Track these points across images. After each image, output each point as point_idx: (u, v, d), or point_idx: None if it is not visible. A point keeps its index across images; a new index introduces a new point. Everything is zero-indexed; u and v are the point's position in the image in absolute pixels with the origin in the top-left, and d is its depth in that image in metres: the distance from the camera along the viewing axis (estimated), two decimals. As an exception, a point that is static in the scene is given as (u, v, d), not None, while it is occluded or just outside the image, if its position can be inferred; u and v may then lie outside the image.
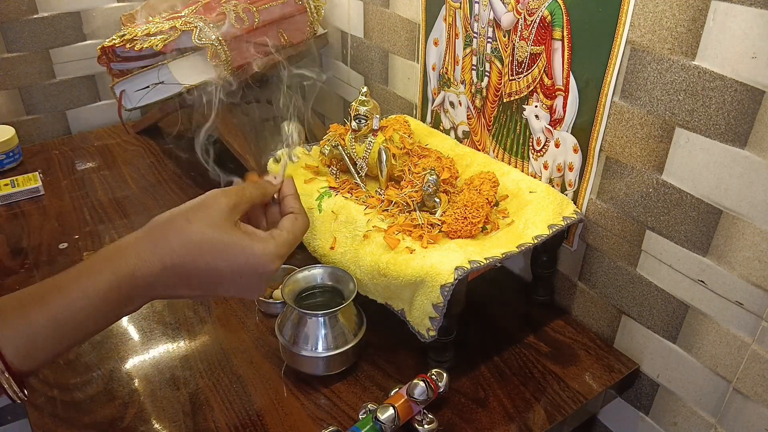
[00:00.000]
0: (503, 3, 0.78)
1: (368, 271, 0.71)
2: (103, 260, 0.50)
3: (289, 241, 0.56)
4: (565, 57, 0.73)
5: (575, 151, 0.76)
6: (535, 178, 0.82)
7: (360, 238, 0.74)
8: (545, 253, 0.81)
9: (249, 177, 0.60)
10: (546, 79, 0.76)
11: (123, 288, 0.49)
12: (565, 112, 0.75)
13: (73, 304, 0.48)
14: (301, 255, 0.83)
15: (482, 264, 0.66)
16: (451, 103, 0.94)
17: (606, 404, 0.79)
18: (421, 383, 0.65)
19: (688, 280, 0.68)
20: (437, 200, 0.76)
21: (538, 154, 0.81)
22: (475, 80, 0.88)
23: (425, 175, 0.76)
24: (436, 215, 0.75)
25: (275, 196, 0.61)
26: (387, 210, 0.77)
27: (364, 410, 0.66)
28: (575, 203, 0.78)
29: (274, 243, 0.54)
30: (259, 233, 0.55)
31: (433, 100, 0.98)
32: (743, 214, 0.60)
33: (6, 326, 0.46)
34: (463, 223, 0.72)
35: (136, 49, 0.97)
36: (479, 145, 0.91)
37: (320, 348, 0.70)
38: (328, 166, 0.87)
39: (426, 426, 0.65)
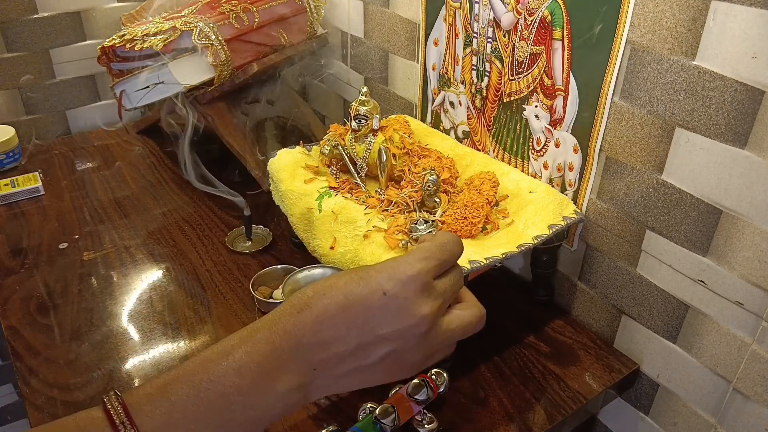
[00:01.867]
0: (503, 3, 0.78)
1: (368, 271, 0.71)
2: (246, 334, 0.43)
3: (431, 249, 0.46)
4: (565, 57, 0.73)
5: (575, 151, 0.76)
6: (535, 178, 0.82)
7: (360, 238, 0.74)
8: (545, 253, 0.81)
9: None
10: (546, 79, 0.76)
11: (268, 354, 0.41)
12: (565, 112, 0.75)
13: (216, 379, 0.40)
14: (301, 255, 0.83)
15: (482, 264, 0.66)
16: (451, 103, 0.94)
17: (606, 404, 0.79)
18: (421, 383, 0.65)
19: (688, 280, 0.68)
20: (437, 200, 0.76)
21: (538, 154, 0.81)
22: (475, 80, 0.88)
23: (425, 175, 0.76)
24: (436, 215, 0.75)
25: None
26: (387, 210, 0.77)
27: (363, 410, 0.66)
28: (575, 203, 0.78)
29: (415, 250, 0.46)
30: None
31: (433, 100, 0.98)
32: (743, 214, 0.60)
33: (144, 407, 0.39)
34: (463, 223, 0.72)
35: (136, 49, 0.97)
36: (479, 145, 0.91)
37: (320, 348, 0.70)
38: (328, 166, 0.87)
39: (426, 426, 0.65)
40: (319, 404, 0.69)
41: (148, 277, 0.89)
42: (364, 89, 0.82)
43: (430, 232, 0.71)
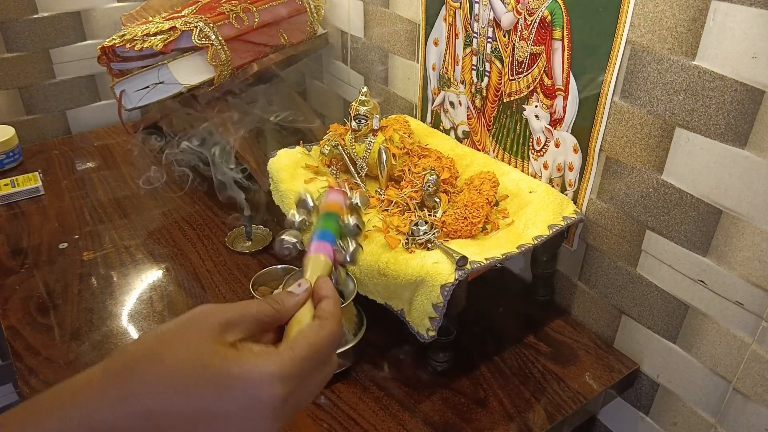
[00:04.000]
0: (503, 3, 0.78)
1: (368, 271, 0.71)
2: (48, 407, 0.36)
3: (301, 354, 0.40)
4: (565, 57, 0.73)
5: (575, 151, 0.76)
6: (535, 178, 0.82)
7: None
8: (545, 253, 0.81)
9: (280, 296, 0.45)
10: (546, 79, 0.76)
11: None
12: (565, 112, 0.75)
13: None
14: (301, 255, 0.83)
15: (482, 264, 0.66)
16: (451, 103, 0.94)
17: (606, 404, 0.79)
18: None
19: (688, 280, 0.68)
20: (437, 200, 0.76)
21: (538, 154, 0.81)
22: (475, 80, 0.88)
23: (425, 175, 0.76)
24: (437, 215, 0.75)
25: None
26: (387, 210, 0.77)
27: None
28: (575, 203, 0.78)
29: (277, 359, 0.39)
30: (256, 348, 0.40)
31: (433, 100, 0.98)
32: (743, 214, 0.60)
33: None
34: (463, 223, 0.72)
35: (136, 49, 0.97)
36: (479, 145, 0.91)
37: (320, 348, 0.70)
38: (328, 166, 0.87)
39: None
40: (319, 404, 0.69)
41: (148, 277, 0.89)
42: (364, 89, 0.82)
43: (433, 233, 0.71)
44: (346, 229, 0.51)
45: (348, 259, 0.50)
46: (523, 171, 0.83)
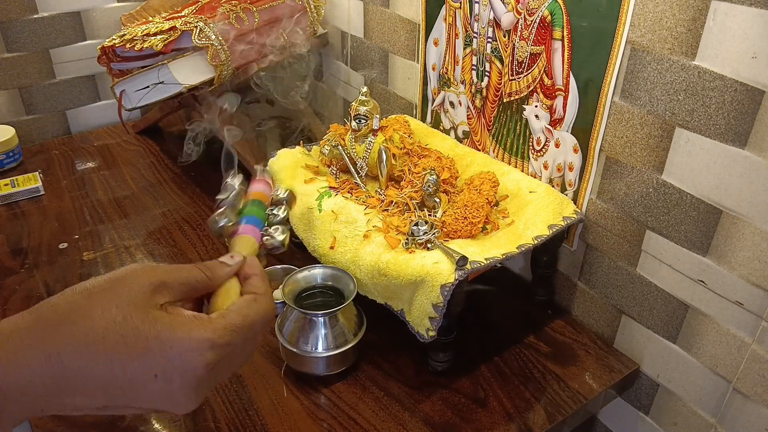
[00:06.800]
0: (503, 3, 0.78)
1: (368, 271, 0.71)
2: None
3: (235, 324, 0.40)
4: (565, 57, 0.73)
5: (575, 151, 0.76)
6: (535, 178, 0.82)
7: (360, 237, 0.74)
8: (545, 253, 0.81)
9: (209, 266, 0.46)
10: (546, 79, 0.76)
11: None
12: (565, 112, 0.75)
13: None
14: (301, 255, 0.83)
15: (482, 264, 0.66)
16: (451, 103, 0.94)
17: (606, 404, 0.79)
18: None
19: (688, 280, 0.68)
20: (437, 200, 0.76)
21: (538, 154, 0.81)
22: (475, 80, 0.88)
23: (425, 175, 0.76)
24: (437, 215, 0.75)
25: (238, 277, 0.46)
26: (387, 210, 0.77)
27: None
28: (575, 203, 0.78)
29: (210, 326, 0.39)
30: (188, 314, 0.39)
31: (433, 100, 0.98)
32: (743, 214, 0.60)
33: None
34: (463, 223, 0.72)
35: (136, 49, 0.97)
36: (479, 145, 0.91)
37: (320, 348, 0.70)
38: (328, 166, 0.87)
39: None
40: (319, 404, 0.69)
41: (148, 277, 0.89)
42: (364, 89, 0.82)
43: (433, 233, 0.71)
44: (274, 219, 0.54)
45: (276, 246, 0.52)
46: (523, 171, 0.84)
